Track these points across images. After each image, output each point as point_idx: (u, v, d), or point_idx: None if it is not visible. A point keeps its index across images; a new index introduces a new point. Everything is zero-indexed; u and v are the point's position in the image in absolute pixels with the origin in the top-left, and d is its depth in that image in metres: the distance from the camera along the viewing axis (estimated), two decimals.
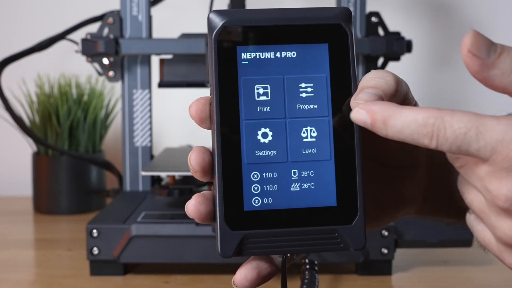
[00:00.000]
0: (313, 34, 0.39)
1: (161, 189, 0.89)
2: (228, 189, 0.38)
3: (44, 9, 1.31)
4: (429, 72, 1.33)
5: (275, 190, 0.38)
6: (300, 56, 0.39)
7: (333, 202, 0.38)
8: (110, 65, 0.97)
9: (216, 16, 0.39)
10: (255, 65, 0.38)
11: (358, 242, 0.38)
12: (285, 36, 0.39)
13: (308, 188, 0.38)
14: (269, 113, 0.38)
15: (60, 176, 1.12)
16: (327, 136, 0.38)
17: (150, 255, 0.79)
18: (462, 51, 0.35)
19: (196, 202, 0.39)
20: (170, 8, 1.23)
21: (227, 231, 0.38)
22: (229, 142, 0.38)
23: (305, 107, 0.39)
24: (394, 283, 0.80)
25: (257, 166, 0.38)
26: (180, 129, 1.31)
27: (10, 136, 1.27)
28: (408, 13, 1.31)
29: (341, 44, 0.39)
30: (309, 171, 0.38)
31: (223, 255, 0.38)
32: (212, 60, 0.38)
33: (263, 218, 0.38)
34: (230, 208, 0.38)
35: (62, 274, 0.82)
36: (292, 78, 0.39)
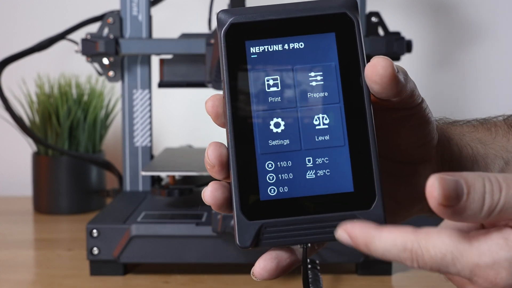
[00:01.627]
0: (320, 24, 0.39)
1: (161, 189, 0.89)
2: (243, 179, 0.38)
3: (44, 9, 1.31)
4: (429, 72, 1.33)
5: (290, 178, 0.38)
6: (308, 47, 0.39)
7: (350, 188, 0.38)
8: (110, 65, 0.97)
9: (224, 15, 0.39)
10: (264, 58, 0.39)
11: None
12: (292, 28, 0.39)
13: (323, 175, 0.38)
14: (281, 103, 0.39)
15: (60, 176, 1.12)
16: (339, 123, 0.39)
17: (150, 255, 0.79)
18: (430, 203, 0.35)
19: (213, 189, 0.39)
20: (170, 8, 1.23)
21: (244, 221, 0.38)
22: (242, 134, 0.38)
23: (316, 95, 0.39)
24: (394, 283, 0.80)
25: (271, 155, 0.38)
26: (180, 129, 1.31)
27: (10, 136, 1.27)
28: (408, 13, 1.31)
29: (347, 32, 0.39)
30: (323, 158, 0.38)
31: (241, 245, 0.38)
32: (222, 57, 0.39)
33: (279, 207, 0.38)
34: (246, 199, 0.38)
35: (62, 274, 0.82)
36: (301, 68, 0.39)
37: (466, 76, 1.33)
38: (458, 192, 0.34)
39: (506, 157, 0.47)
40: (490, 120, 0.50)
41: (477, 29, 1.32)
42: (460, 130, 0.48)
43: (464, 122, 0.50)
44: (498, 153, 0.47)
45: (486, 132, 0.49)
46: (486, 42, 1.32)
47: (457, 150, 0.47)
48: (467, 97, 1.33)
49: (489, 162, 0.47)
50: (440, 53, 1.33)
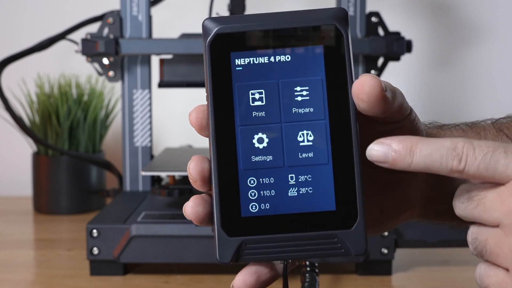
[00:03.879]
0: (307, 36, 0.38)
1: (161, 189, 0.89)
2: (225, 195, 0.37)
3: (44, 9, 1.31)
4: (429, 72, 1.33)
5: (272, 195, 0.38)
6: (295, 60, 0.38)
7: (332, 207, 0.37)
8: (110, 65, 0.97)
9: (210, 23, 0.38)
10: (249, 70, 0.38)
11: (358, 247, 0.37)
12: (278, 40, 0.38)
13: (306, 193, 0.38)
14: (265, 118, 0.38)
15: (60, 176, 1.12)
16: (324, 140, 0.38)
17: (150, 255, 0.79)
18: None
19: (194, 204, 0.39)
20: (170, 8, 1.23)
21: (225, 237, 0.37)
22: (225, 148, 0.38)
23: (301, 111, 0.38)
24: (394, 283, 0.80)
25: (253, 171, 0.38)
26: (180, 129, 1.31)
27: (10, 136, 1.27)
28: (408, 13, 1.31)
29: (336, 45, 0.38)
30: (306, 176, 0.38)
31: (221, 261, 0.38)
32: (206, 67, 0.38)
33: (260, 224, 0.37)
34: (227, 214, 0.37)
35: (62, 274, 0.82)
36: (287, 82, 0.38)
37: (466, 76, 1.33)
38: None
39: None
40: (479, 124, 0.51)
41: (477, 29, 1.32)
42: (449, 134, 0.49)
43: (453, 126, 0.50)
44: None
45: (475, 135, 0.49)
46: (486, 42, 1.32)
47: None
48: (467, 97, 1.33)
49: None
50: (440, 53, 1.33)
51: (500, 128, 0.50)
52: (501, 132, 0.49)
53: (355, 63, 0.96)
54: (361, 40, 0.95)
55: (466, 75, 1.33)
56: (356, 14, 0.97)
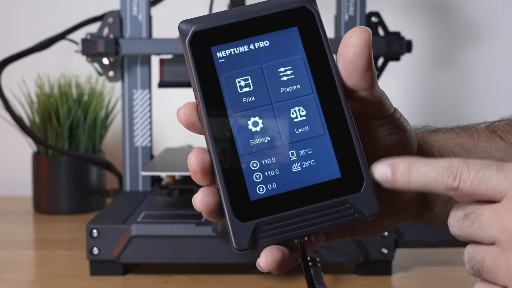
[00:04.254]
0: (281, 20, 0.40)
1: (161, 189, 0.89)
2: (230, 183, 0.38)
3: (44, 9, 1.31)
4: (429, 72, 1.33)
5: (277, 174, 0.38)
6: (273, 44, 0.39)
7: (337, 174, 0.38)
8: (110, 65, 0.97)
9: (185, 25, 0.40)
10: (232, 61, 0.39)
11: (371, 208, 0.38)
12: (254, 28, 0.39)
13: (309, 166, 0.38)
14: (255, 103, 0.39)
15: (60, 176, 1.12)
16: (316, 112, 0.39)
17: (150, 255, 0.79)
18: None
19: (203, 195, 0.38)
20: (170, 8, 1.23)
21: (238, 224, 0.37)
22: (222, 138, 0.38)
23: (288, 89, 0.39)
24: (394, 283, 0.80)
25: (254, 155, 0.38)
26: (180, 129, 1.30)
27: (10, 136, 1.27)
28: (408, 13, 1.31)
29: (309, 24, 0.40)
30: (306, 149, 0.38)
31: (238, 248, 0.37)
32: (190, 66, 0.39)
33: (271, 204, 0.38)
34: (236, 201, 0.37)
35: (62, 274, 0.82)
36: (270, 65, 0.39)
37: (466, 76, 1.33)
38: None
39: None
40: (472, 127, 0.51)
41: (477, 29, 1.32)
42: (443, 137, 0.49)
43: (447, 130, 0.51)
44: (481, 157, 0.48)
45: (468, 138, 0.50)
46: (486, 42, 1.32)
47: (439, 157, 0.47)
48: (467, 97, 1.33)
49: None
50: (440, 53, 1.33)
51: (493, 130, 0.50)
52: (494, 134, 0.50)
53: None
54: None
55: (466, 75, 1.33)
56: (356, 14, 0.97)
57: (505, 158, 0.48)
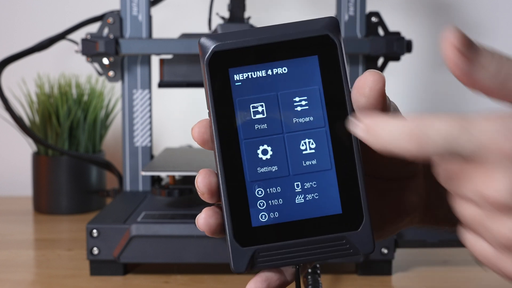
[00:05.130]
0: (302, 47, 0.39)
1: (161, 189, 0.89)
2: (234, 207, 0.39)
3: (44, 9, 1.31)
4: (429, 72, 1.33)
5: (280, 204, 0.39)
6: (292, 71, 0.39)
7: (338, 210, 0.39)
8: (110, 65, 0.97)
9: (206, 41, 0.40)
10: (248, 85, 0.39)
11: (367, 247, 0.39)
12: (274, 53, 0.39)
13: (312, 199, 0.39)
14: (267, 130, 0.39)
15: (60, 176, 1.12)
16: (325, 146, 0.39)
17: (150, 255, 0.79)
18: (445, 50, 0.35)
19: (206, 216, 0.39)
20: (170, 8, 1.23)
21: (238, 248, 0.38)
22: (231, 162, 0.39)
23: (301, 120, 0.39)
24: (394, 283, 0.80)
25: (260, 182, 0.39)
26: (180, 129, 1.31)
27: (10, 136, 1.27)
28: (408, 13, 1.31)
29: (330, 54, 0.39)
30: (311, 182, 0.39)
31: (236, 271, 0.39)
32: (206, 85, 0.39)
33: (271, 232, 0.39)
34: (238, 226, 0.39)
35: (62, 274, 0.82)
36: (285, 94, 0.39)
37: None
38: (473, 42, 0.35)
39: None
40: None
41: (477, 29, 1.32)
42: None
43: None
44: None
45: None
46: (486, 42, 1.31)
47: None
48: (467, 97, 1.33)
49: None
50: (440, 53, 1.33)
51: None
52: None
53: (355, 63, 0.96)
54: (361, 40, 0.95)
55: None
56: (356, 14, 0.97)
57: None
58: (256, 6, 1.18)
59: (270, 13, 1.29)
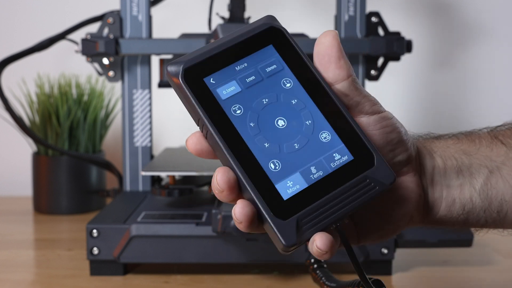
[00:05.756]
0: (256, 42, 0.44)
1: (161, 189, 0.89)
2: (262, 190, 0.41)
3: (44, 9, 1.31)
4: (429, 72, 1.33)
5: (299, 171, 0.42)
6: (257, 63, 0.44)
7: (350, 157, 0.43)
8: (110, 65, 0.97)
9: (173, 65, 0.44)
10: (226, 86, 0.43)
11: (389, 177, 0.42)
12: (237, 54, 0.44)
13: (324, 157, 0.42)
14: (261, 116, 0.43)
15: (60, 176, 1.12)
16: (316, 112, 0.43)
17: (150, 255, 0.79)
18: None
19: (242, 205, 0.41)
20: (170, 8, 1.23)
21: (281, 223, 0.40)
22: (241, 153, 0.42)
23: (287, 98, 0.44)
24: (394, 283, 0.80)
25: (274, 160, 0.42)
26: (180, 129, 1.31)
27: (10, 136, 1.27)
28: (408, 13, 1.31)
29: (281, 40, 0.45)
30: (317, 145, 0.43)
31: (288, 244, 0.40)
32: (190, 99, 0.43)
33: (303, 198, 0.41)
34: (273, 204, 0.41)
35: (62, 274, 0.82)
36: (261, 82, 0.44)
37: (466, 76, 1.33)
38: None
39: (490, 166, 0.48)
40: (474, 133, 0.52)
41: (477, 29, 1.32)
42: (445, 143, 0.50)
43: (449, 136, 0.51)
44: (482, 162, 0.48)
45: (470, 143, 0.50)
46: (486, 42, 1.32)
47: (440, 162, 0.48)
48: (467, 97, 1.33)
49: (473, 171, 0.48)
50: (440, 53, 1.33)
51: (495, 136, 0.51)
52: (496, 139, 0.50)
53: (355, 63, 0.96)
54: (361, 40, 0.95)
55: (466, 75, 1.33)
56: (356, 14, 0.97)
57: (506, 162, 0.48)
58: (256, 6, 1.18)
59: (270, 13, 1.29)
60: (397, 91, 1.32)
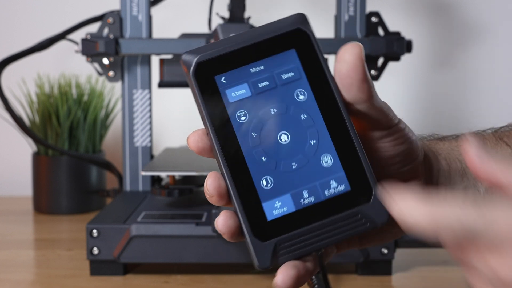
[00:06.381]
0: (278, 44, 0.41)
1: (161, 189, 0.89)
2: (247, 205, 0.39)
3: (44, 9, 1.31)
4: (429, 72, 1.33)
5: (290, 193, 0.39)
6: (274, 68, 0.41)
7: (347, 187, 0.40)
8: (110, 65, 0.97)
9: (188, 56, 0.41)
10: (237, 88, 0.41)
11: (381, 217, 0.39)
12: (254, 54, 0.41)
13: (320, 183, 0.40)
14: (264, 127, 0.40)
15: (60, 176, 1.12)
16: (323, 131, 0.40)
17: (150, 255, 0.79)
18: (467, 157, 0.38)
19: (225, 217, 0.40)
20: (170, 8, 1.23)
21: (259, 243, 0.39)
22: (235, 163, 0.40)
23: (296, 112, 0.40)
24: (394, 283, 0.80)
25: (267, 177, 0.40)
26: (180, 129, 1.31)
27: (10, 136, 1.27)
28: (408, 13, 1.31)
29: (306, 45, 0.41)
30: (316, 168, 0.40)
31: (261, 266, 0.39)
32: (197, 95, 0.40)
33: (287, 222, 0.39)
34: (255, 222, 0.39)
35: (62, 274, 0.82)
36: (274, 90, 0.41)
37: (466, 76, 1.33)
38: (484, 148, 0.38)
39: None
40: (479, 134, 0.51)
41: (477, 29, 1.32)
42: (449, 145, 0.49)
43: (453, 137, 0.51)
44: None
45: None
46: (486, 42, 1.32)
47: (445, 165, 0.48)
48: (467, 97, 1.33)
49: None
50: (440, 53, 1.33)
51: (500, 137, 0.50)
52: (501, 140, 0.50)
53: None
54: (361, 40, 0.95)
55: (466, 75, 1.33)
56: (356, 14, 0.97)
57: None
58: (256, 6, 1.18)
59: (270, 13, 1.29)
60: (397, 91, 1.32)
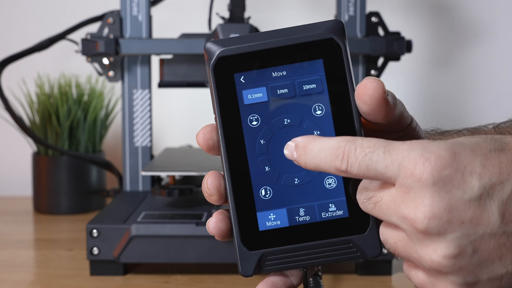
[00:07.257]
0: (307, 51, 0.39)
1: (161, 189, 0.89)
2: (242, 211, 0.39)
3: (44, 9, 1.31)
4: (429, 72, 1.33)
5: (287, 208, 0.39)
6: (297, 75, 0.39)
7: (345, 214, 0.39)
8: (110, 65, 0.97)
9: (212, 46, 0.39)
10: (254, 90, 0.39)
11: (373, 250, 0.39)
12: (279, 58, 0.39)
13: (319, 203, 0.39)
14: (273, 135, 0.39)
15: (60, 176, 1.12)
16: None
17: (150, 255, 0.79)
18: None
19: (217, 220, 0.40)
20: (170, 8, 1.23)
21: (245, 252, 0.39)
22: (238, 167, 0.39)
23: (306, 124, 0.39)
24: (394, 283, 0.80)
25: (267, 187, 0.39)
26: (180, 129, 1.31)
27: (10, 136, 1.27)
28: (408, 13, 1.31)
29: (335, 58, 0.39)
30: (318, 187, 0.39)
31: (244, 274, 0.39)
32: (212, 90, 0.39)
33: (278, 236, 0.39)
34: (246, 230, 0.39)
35: (62, 274, 0.82)
36: (291, 99, 0.39)
37: (466, 76, 1.33)
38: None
39: None
40: (480, 129, 0.51)
41: (477, 29, 1.32)
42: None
43: (455, 132, 0.51)
44: None
45: None
46: (486, 42, 1.32)
47: None
48: (467, 97, 1.33)
49: None
50: (440, 53, 1.33)
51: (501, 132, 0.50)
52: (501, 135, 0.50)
53: (355, 63, 0.96)
54: (361, 40, 0.95)
55: (466, 75, 1.33)
56: (356, 14, 0.97)
57: None
58: (256, 6, 1.18)
59: (270, 13, 1.29)
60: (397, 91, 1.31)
